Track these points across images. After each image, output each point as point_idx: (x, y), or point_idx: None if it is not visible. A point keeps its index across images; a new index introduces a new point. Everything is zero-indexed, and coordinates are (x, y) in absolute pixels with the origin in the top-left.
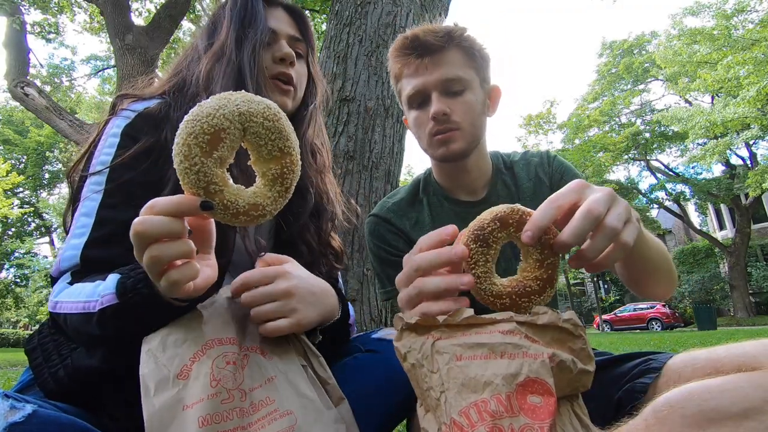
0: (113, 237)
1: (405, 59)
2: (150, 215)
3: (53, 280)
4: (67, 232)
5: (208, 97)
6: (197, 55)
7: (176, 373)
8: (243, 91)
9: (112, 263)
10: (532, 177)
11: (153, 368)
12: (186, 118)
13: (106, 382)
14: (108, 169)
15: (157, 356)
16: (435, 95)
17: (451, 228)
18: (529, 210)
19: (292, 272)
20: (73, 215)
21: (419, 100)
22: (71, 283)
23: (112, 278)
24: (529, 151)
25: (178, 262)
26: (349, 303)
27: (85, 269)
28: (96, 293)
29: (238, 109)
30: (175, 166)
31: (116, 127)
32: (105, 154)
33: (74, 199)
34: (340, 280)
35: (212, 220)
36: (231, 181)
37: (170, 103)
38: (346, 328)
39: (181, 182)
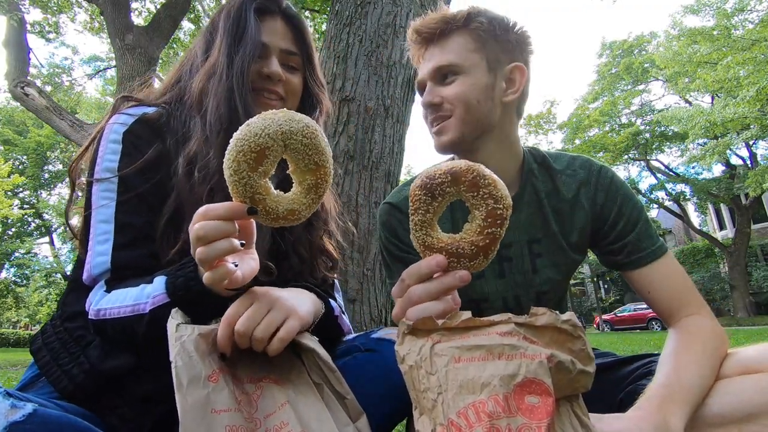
0: (136, 241)
1: (414, 49)
2: (206, 221)
3: (72, 285)
4: (70, 230)
5: (201, 112)
6: (196, 64)
7: (208, 375)
8: (285, 109)
9: (140, 266)
10: (570, 197)
11: (187, 362)
12: (236, 136)
13: (127, 380)
14: (118, 177)
15: (190, 351)
16: (429, 85)
17: (440, 259)
18: (488, 174)
19: (261, 289)
20: (86, 220)
21: (421, 90)
22: (108, 291)
23: (159, 280)
24: (578, 159)
25: (228, 258)
26: (330, 299)
27: (116, 274)
28: (144, 295)
29: (281, 129)
30: (225, 177)
31: (115, 132)
32: (109, 160)
33: (86, 205)
34: (336, 283)
35: (253, 223)
36: (272, 189)
37: (171, 112)
38: (334, 321)
39: (230, 191)
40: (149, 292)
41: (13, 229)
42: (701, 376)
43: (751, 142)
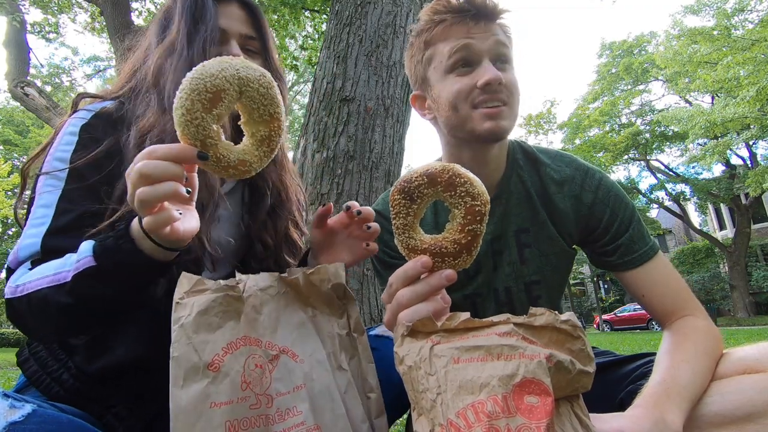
0: (72, 226)
1: (455, 18)
2: (152, 159)
3: (9, 272)
4: (18, 224)
5: (158, 88)
6: (151, 49)
7: (207, 363)
8: (241, 57)
9: (72, 252)
10: (554, 190)
11: (185, 351)
12: (189, 75)
13: (119, 379)
14: (68, 167)
15: (190, 335)
16: (487, 61)
17: (425, 259)
18: (464, 172)
19: None
20: (29, 208)
21: (463, 63)
22: (31, 269)
23: (86, 244)
24: (565, 156)
25: (166, 204)
26: None
27: (45, 258)
28: (68, 264)
29: (238, 74)
30: (175, 118)
31: (72, 126)
32: (61, 150)
33: (31, 194)
34: None
35: (196, 176)
36: (224, 137)
37: (125, 103)
38: None
39: (179, 133)
40: (74, 259)
41: (13, 229)
42: (695, 374)
43: (751, 142)
